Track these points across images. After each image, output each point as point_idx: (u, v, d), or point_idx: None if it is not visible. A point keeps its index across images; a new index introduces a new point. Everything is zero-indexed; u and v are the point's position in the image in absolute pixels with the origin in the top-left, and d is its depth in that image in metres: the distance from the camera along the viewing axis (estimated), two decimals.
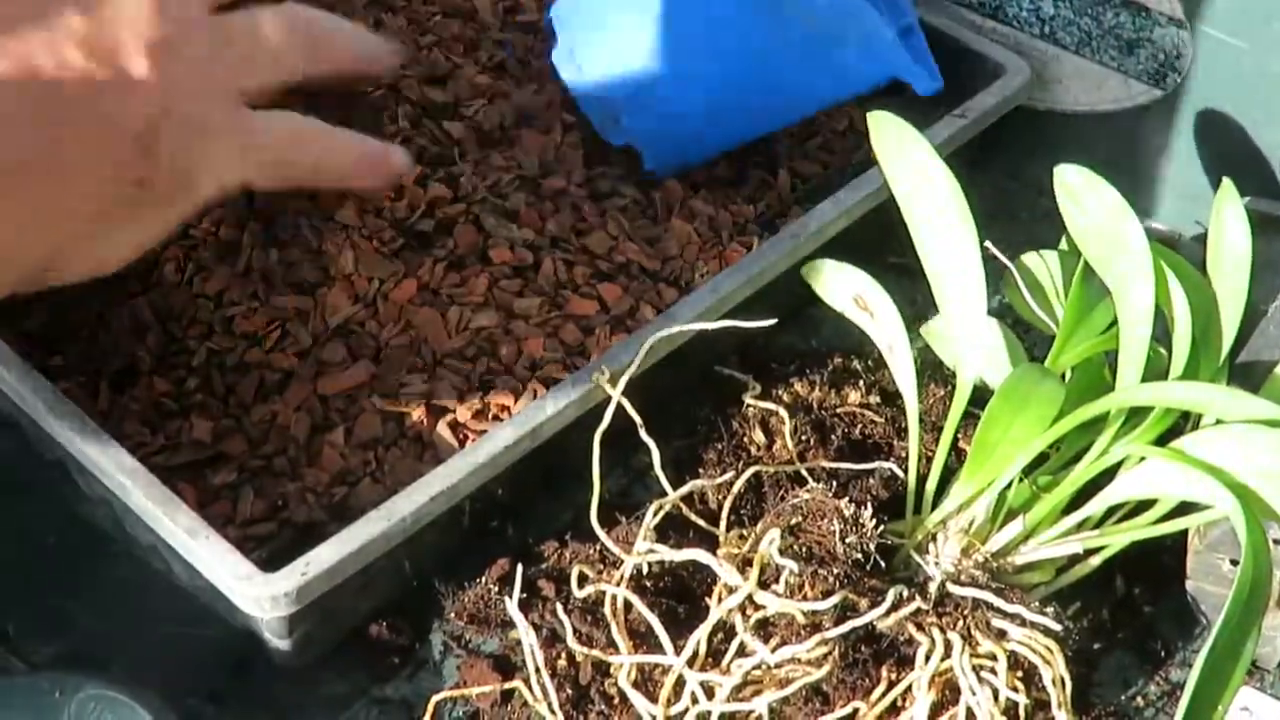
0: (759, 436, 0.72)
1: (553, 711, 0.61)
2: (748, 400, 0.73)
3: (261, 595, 0.58)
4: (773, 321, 0.67)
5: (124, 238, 0.61)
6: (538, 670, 0.61)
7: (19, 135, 0.55)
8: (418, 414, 0.68)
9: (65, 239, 0.59)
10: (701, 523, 0.65)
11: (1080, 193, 0.67)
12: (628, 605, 0.61)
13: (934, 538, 0.64)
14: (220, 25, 0.62)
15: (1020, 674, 0.60)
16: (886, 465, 0.68)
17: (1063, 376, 0.66)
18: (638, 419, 0.63)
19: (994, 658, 0.60)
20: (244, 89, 0.63)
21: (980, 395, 0.65)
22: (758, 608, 0.59)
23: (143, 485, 0.61)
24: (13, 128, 0.55)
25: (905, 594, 0.60)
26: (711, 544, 0.63)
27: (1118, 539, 0.64)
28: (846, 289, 0.70)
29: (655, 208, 0.79)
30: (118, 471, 0.61)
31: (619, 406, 0.63)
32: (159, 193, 0.60)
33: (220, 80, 0.62)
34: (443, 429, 0.67)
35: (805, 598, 0.58)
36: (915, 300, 0.79)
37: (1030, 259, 0.73)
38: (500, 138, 0.80)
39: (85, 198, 0.58)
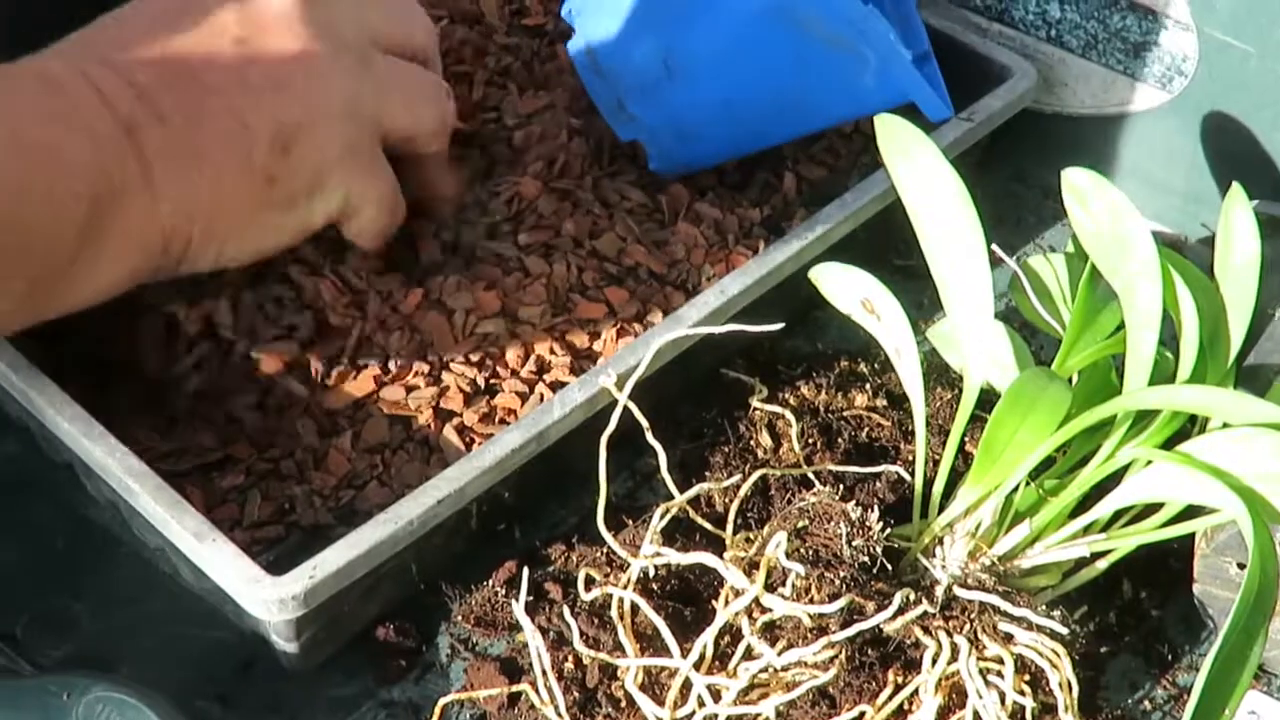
0: (765, 440, 0.72)
1: (559, 714, 0.61)
2: (754, 403, 0.73)
3: (269, 598, 0.59)
4: (780, 326, 0.67)
5: (250, 234, 0.65)
6: (544, 673, 0.61)
7: (166, 114, 0.60)
8: (424, 418, 0.68)
9: (201, 226, 0.62)
10: (708, 526, 0.65)
11: (1087, 196, 0.67)
12: (634, 608, 0.61)
13: (941, 541, 0.64)
14: (373, 59, 0.68)
15: (1027, 677, 0.60)
16: (893, 468, 0.68)
17: (1070, 380, 0.66)
18: (644, 422, 0.63)
19: (1001, 661, 0.59)
20: (383, 128, 0.68)
21: (987, 398, 0.65)
22: (764, 611, 0.59)
23: (150, 488, 0.61)
24: (160, 110, 0.60)
25: (912, 597, 0.60)
26: (718, 547, 0.63)
27: (1125, 543, 0.64)
28: (853, 292, 0.70)
29: (662, 211, 0.79)
30: (125, 474, 0.61)
31: (626, 410, 0.63)
32: (285, 195, 0.64)
33: (366, 108, 0.67)
34: (449, 433, 0.67)
35: (812, 601, 0.58)
36: (922, 303, 0.79)
37: (1037, 262, 0.73)
38: (508, 142, 0.80)
39: (220, 184, 0.62)
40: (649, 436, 0.63)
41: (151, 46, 0.62)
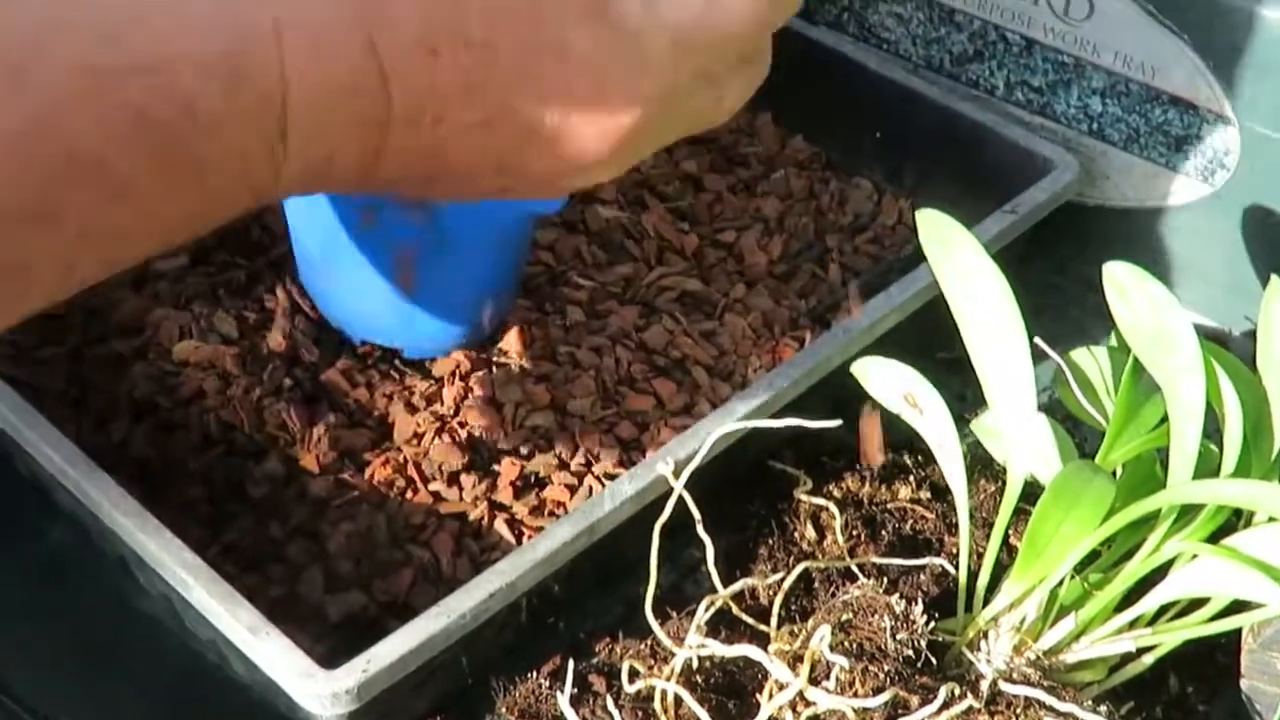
0: (810, 532, 0.72)
1: None
2: (799, 495, 0.73)
3: (323, 692, 0.59)
4: (837, 423, 0.67)
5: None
6: None
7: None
8: (476, 512, 0.69)
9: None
10: (751, 621, 0.65)
11: (1128, 289, 0.67)
12: (678, 700, 0.61)
13: (985, 635, 0.64)
14: None
15: None
16: (937, 561, 0.68)
17: (1114, 473, 0.66)
18: (697, 514, 0.63)
19: None
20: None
21: (1031, 491, 0.66)
22: (808, 704, 0.59)
23: (204, 582, 0.62)
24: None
25: (957, 692, 0.60)
26: (762, 639, 0.63)
27: (1171, 637, 0.64)
28: (896, 386, 0.71)
29: (710, 303, 0.80)
30: (179, 568, 0.62)
31: (677, 500, 0.63)
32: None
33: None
34: (501, 525, 0.68)
35: (856, 694, 0.58)
36: (964, 395, 0.80)
37: (1080, 355, 0.74)
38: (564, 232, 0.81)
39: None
40: (700, 529, 0.63)
41: None
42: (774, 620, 0.65)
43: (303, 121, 0.47)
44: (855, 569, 0.68)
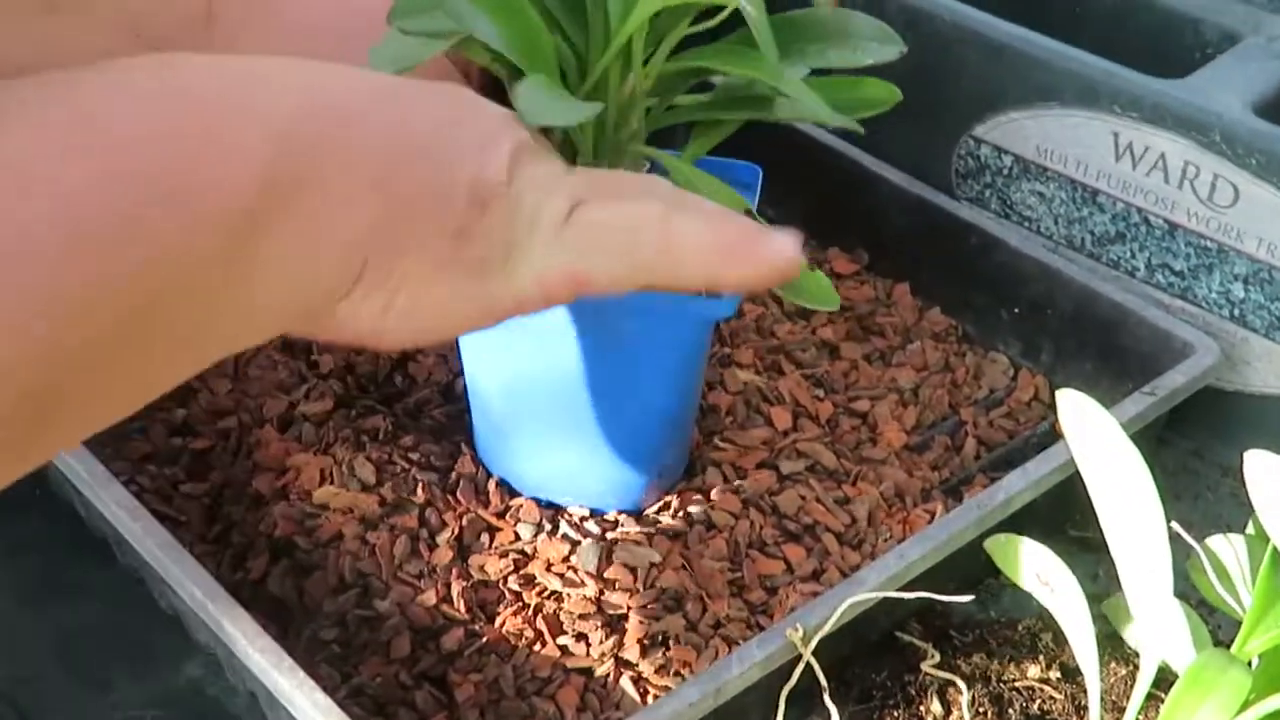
0: (936, 707, 0.71)
1: None
2: (925, 669, 0.73)
3: None
4: (969, 598, 0.67)
5: (429, 293, 0.55)
6: None
7: (367, 138, 0.52)
8: (603, 668, 0.69)
9: (375, 262, 0.53)
10: None
11: (1269, 477, 0.67)
12: None
13: None
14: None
15: None
16: None
17: (1249, 664, 0.65)
18: (823, 681, 0.63)
19: None
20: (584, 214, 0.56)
21: (1163, 677, 0.65)
22: None
23: None
24: (365, 130, 0.52)
25: None
26: None
27: None
28: (1029, 564, 0.71)
29: (843, 470, 0.81)
30: (310, 707, 0.63)
31: (805, 667, 0.64)
32: (474, 255, 0.55)
33: (568, 190, 0.56)
34: (626, 683, 0.68)
35: None
36: (1097, 575, 0.79)
37: (1216, 542, 0.73)
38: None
39: (407, 220, 0.53)
40: (826, 699, 0.63)
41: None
42: None
43: None
44: None
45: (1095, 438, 0.70)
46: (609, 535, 0.75)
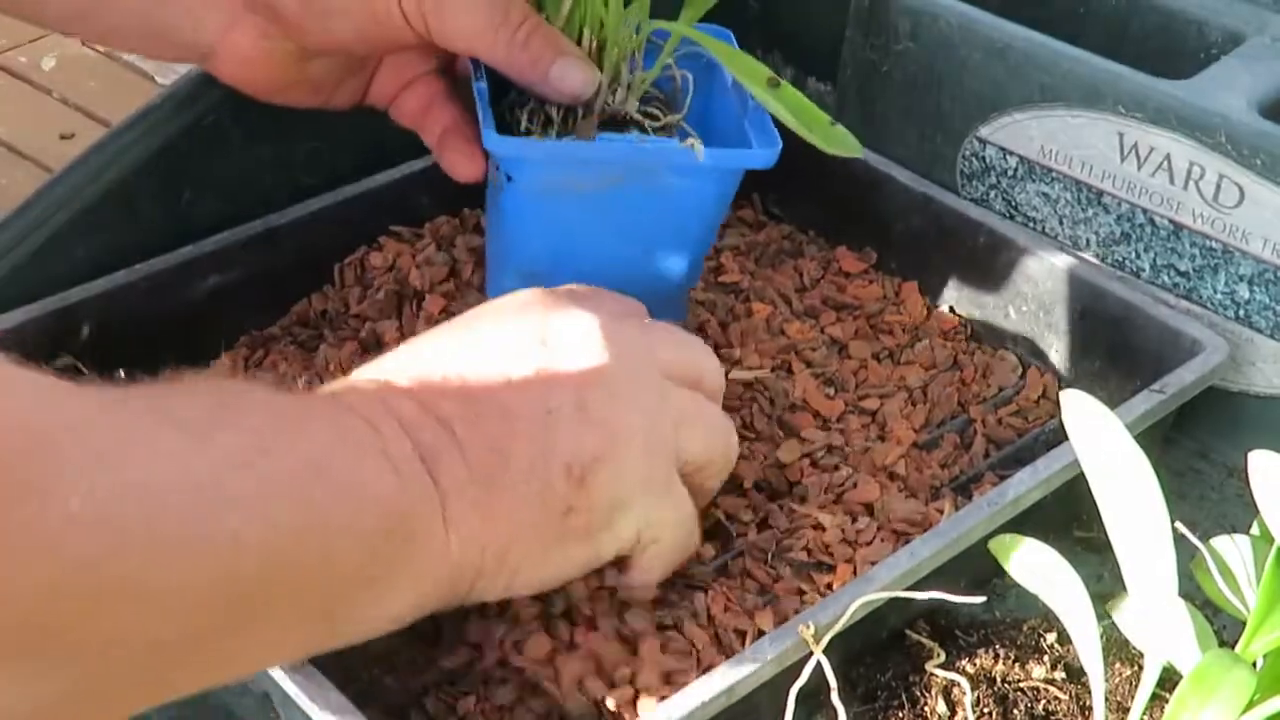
0: (940, 707, 0.72)
1: None
2: (931, 669, 0.73)
3: None
4: (981, 599, 0.67)
5: (543, 564, 0.64)
6: None
7: (466, 443, 0.60)
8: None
9: (493, 556, 0.61)
10: None
11: (1273, 478, 0.67)
12: None
13: None
14: (668, 387, 0.67)
15: None
16: None
17: (1254, 664, 0.66)
18: (833, 681, 0.63)
19: None
20: (680, 457, 0.68)
21: (1167, 677, 0.65)
22: None
23: None
24: (461, 439, 0.60)
25: None
26: None
27: None
28: (1034, 565, 0.71)
29: (852, 469, 0.81)
30: (328, 710, 0.63)
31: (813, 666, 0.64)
32: (582, 525, 0.63)
33: (665, 436, 0.66)
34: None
35: None
36: (1102, 575, 0.79)
37: (1221, 543, 0.73)
38: None
39: (516, 516, 0.61)
40: (834, 697, 0.63)
41: (451, 373, 0.62)
42: None
43: None
44: None
45: (1100, 438, 0.70)
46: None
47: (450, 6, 0.74)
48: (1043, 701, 0.73)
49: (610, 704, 0.68)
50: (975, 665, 0.75)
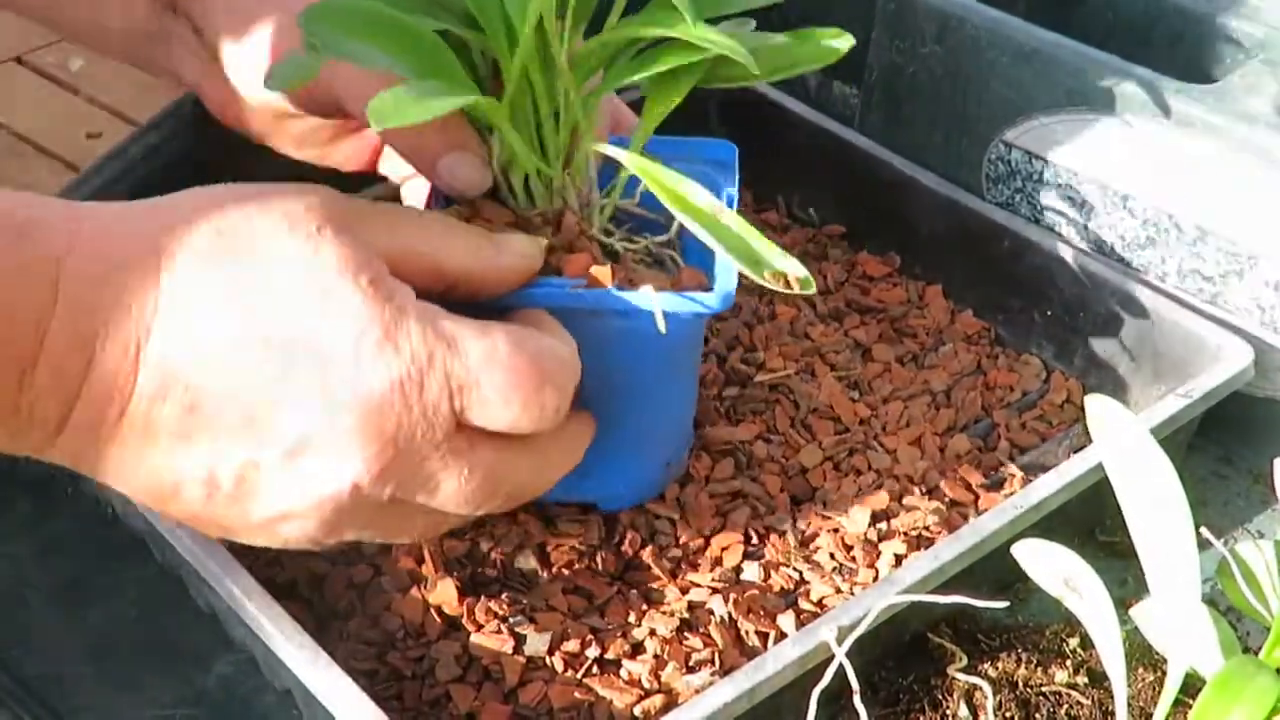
0: (962, 711, 0.72)
1: None
2: (953, 672, 0.73)
3: None
4: (1004, 604, 0.67)
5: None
6: None
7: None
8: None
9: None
10: None
11: None
12: None
13: None
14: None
15: None
16: None
17: (1278, 671, 0.66)
18: (855, 684, 0.63)
19: None
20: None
21: (1190, 683, 0.65)
22: None
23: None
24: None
25: None
26: None
27: None
28: (1057, 570, 0.71)
29: (875, 473, 0.81)
30: (350, 706, 0.63)
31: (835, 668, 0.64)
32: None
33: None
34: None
35: None
36: (1126, 580, 0.79)
37: (1245, 548, 0.73)
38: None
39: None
40: (856, 700, 0.63)
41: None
42: None
43: None
44: None
45: (1124, 443, 0.70)
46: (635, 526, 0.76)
47: (356, 86, 0.71)
48: (1065, 706, 0.72)
49: (637, 709, 0.68)
50: (998, 669, 0.74)
